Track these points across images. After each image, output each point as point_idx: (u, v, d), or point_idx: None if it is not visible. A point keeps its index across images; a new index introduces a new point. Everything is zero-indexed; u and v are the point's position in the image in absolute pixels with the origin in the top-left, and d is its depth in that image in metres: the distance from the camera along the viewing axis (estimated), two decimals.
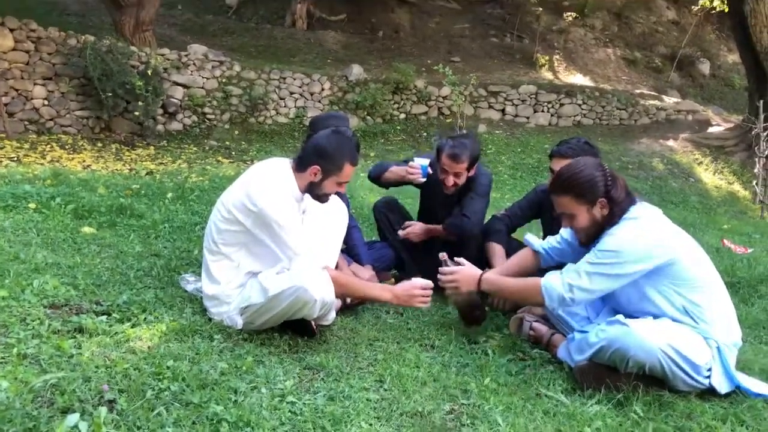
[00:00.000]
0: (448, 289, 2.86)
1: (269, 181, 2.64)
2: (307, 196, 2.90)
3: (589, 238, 2.59)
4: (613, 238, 2.42)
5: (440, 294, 3.58)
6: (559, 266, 2.65)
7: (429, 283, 2.78)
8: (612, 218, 2.50)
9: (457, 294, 2.87)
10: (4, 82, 9.08)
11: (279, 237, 2.56)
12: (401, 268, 3.85)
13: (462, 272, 2.74)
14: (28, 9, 12.60)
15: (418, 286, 2.74)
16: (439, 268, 2.80)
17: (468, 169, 3.49)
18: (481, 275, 2.68)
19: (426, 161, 3.52)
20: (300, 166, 2.73)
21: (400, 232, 3.67)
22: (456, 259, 2.91)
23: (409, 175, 3.54)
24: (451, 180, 3.48)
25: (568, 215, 2.56)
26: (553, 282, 2.46)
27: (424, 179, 3.53)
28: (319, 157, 2.70)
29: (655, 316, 2.44)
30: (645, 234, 2.41)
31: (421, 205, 3.91)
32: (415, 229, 3.66)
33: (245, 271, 2.66)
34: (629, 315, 2.46)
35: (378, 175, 3.71)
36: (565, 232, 2.87)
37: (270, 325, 2.56)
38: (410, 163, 3.57)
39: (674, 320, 2.43)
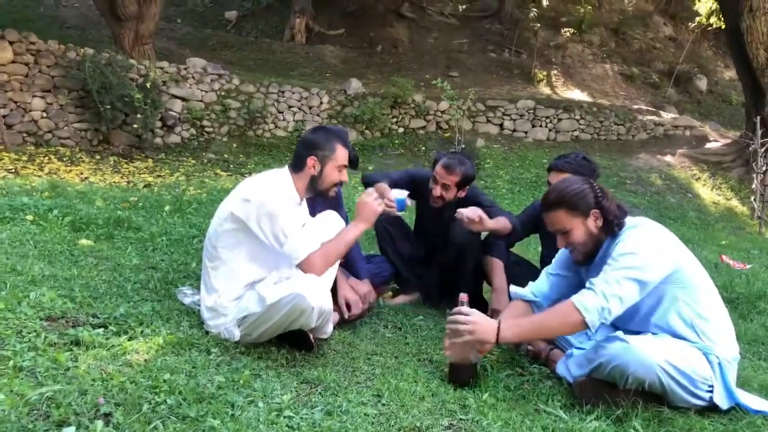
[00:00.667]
0: (454, 336, 2.46)
1: (267, 181, 2.72)
2: (304, 206, 2.92)
3: (586, 255, 2.58)
4: (624, 244, 2.40)
5: (437, 308, 3.59)
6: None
7: (371, 190, 2.89)
8: (609, 230, 2.50)
9: (457, 346, 2.48)
10: (2, 94, 9.11)
11: (273, 223, 2.57)
12: (399, 281, 3.84)
13: (480, 320, 2.43)
14: (28, 22, 12.69)
15: (368, 195, 2.84)
16: (456, 309, 2.50)
17: (459, 187, 3.48)
18: (499, 325, 2.41)
19: (404, 194, 3.36)
20: (297, 166, 2.81)
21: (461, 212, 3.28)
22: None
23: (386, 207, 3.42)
24: (438, 191, 3.47)
25: (562, 232, 2.54)
26: (584, 296, 2.33)
27: (401, 212, 3.40)
28: (311, 149, 2.80)
29: (659, 330, 2.44)
30: (652, 239, 2.41)
31: (416, 222, 3.91)
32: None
33: (243, 282, 2.65)
34: (630, 331, 2.45)
35: (368, 184, 3.69)
36: (550, 267, 2.83)
37: (267, 337, 2.55)
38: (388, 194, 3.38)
39: (677, 336, 2.42)
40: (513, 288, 2.90)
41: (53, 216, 4.16)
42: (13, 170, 7.71)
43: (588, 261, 2.62)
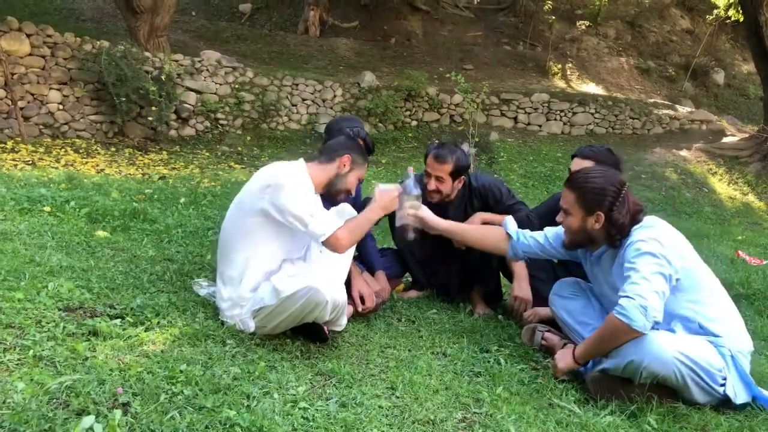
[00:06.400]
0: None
1: (285, 168, 2.72)
2: (318, 199, 2.92)
3: (572, 244, 2.64)
4: (637, 245, 2.38)
5: (451, 303, 3.59)
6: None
7: (399, 187, 2.87)
8: (608, 239, 2.51)
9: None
10: (20, 87, 9.18)
11: (296, 205, 2.57)
12: (412, 276, 3.84)
13: (558, 356, 2.60)
14: (45, 14, 12.78)
15: (394, 189, 2.84)
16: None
17: (453, 177, 3.34)
18: (574, 350, 2.54)
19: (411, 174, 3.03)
20: (328, 157, 2.83)
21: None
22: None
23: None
24: (433, 184, 3.32)
25: (565, 210, 2.58)
26: (623, 305, 2.27)
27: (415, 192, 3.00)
28: (349, 149, 2.85)
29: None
30: (665, 240, 2.39)
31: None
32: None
33: (260, 272, 2.66)
34: None
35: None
36: (549, 231, 2.86)
37: (282, 329, 2.56)
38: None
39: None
40: (508, 219, 2.98)
41: (70, 207, 4.20)
42: (31, 162, 7.78)
43: (571, 248, 2.71)
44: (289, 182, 2.61)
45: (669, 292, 2.33)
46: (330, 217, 2.66)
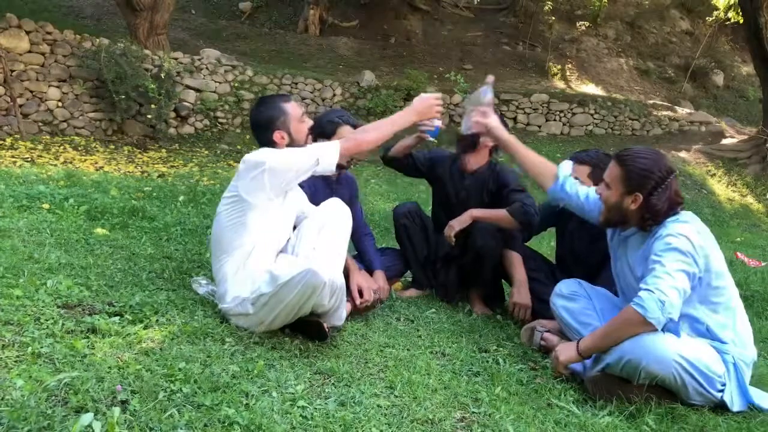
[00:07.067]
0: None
1: (256, 151, 2.75)
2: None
3: (607, 220, 2.61)
4: (666, 239, 2.36)
5: (450, 302, 3.59)
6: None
7: (439, 95, 2.90)
8: (640, 221, 2.48)
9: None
10: (19, 84, 9.17)
11: (290, 160, 2.64)
12: (412, 275, 3.84)
13: (560, 347, 2.59)
14: (44, 12, 12.76)
15: (433, 97, 2.86)
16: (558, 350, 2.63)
17: None
18: (578, 343, 2.51)
19: (439, 122, 3.18)
20: (271, 146, 2.81)
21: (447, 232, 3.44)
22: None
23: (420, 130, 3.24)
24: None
25: (606, 183, 2.55)
26: (640, 297, 2.28)
27: (434, 138, 3.22)
28: (269, 126, 2.80)
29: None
30: (695, 238, 2.37)
31: (435, 202, 3.80)
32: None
33: (258, 266, 2.64)
34: None
35: (386, 158, 3.70)
36: (592, 193, 2.80)
37: (281, 323, 2.54)
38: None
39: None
40: (565, 163, 3.04)
41: (69, 205, 4.19)
42: (30, 159, 7.77)
43: (606, 227, 2.69)
44: (266, 153, 2.65)
45: (690, 291, 2.32)
46: (324, 144, 2.73)
